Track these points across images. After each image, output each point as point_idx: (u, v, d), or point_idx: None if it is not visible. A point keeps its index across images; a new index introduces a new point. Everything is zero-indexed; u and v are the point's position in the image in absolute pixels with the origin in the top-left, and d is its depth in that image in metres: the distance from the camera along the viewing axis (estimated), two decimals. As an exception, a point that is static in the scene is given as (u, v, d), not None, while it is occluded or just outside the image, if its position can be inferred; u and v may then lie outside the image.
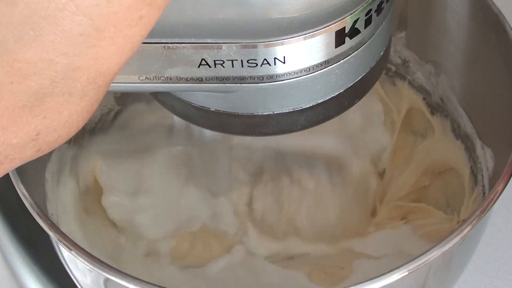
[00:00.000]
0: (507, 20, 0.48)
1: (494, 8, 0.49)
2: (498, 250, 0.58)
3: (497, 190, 0.41)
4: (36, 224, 0.42)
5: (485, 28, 0.50)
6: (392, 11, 0.37)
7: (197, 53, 0.33)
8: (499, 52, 0.49)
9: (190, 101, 0.37)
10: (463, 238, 0.39)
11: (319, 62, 0.34)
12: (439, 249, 0.39)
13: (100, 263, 0.39)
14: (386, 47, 0.38)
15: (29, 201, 0.42)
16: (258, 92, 0.35)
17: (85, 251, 0.40)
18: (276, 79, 0.34)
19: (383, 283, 0.37)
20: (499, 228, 0.59)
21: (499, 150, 0.49)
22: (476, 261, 0.56)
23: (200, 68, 0.34)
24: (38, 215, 0.42)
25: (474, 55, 0.54)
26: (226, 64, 0.33)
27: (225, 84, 0.35)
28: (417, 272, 0.38)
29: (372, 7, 0.34)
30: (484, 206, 0.41)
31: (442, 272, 0.44)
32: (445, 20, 0.54)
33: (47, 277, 0.53)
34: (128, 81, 0.35)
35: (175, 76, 0.34)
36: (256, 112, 0.37)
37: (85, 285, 0.46)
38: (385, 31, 0.37)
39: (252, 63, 0.33)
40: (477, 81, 0.54)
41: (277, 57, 0.33)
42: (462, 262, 0.48)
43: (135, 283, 0.38)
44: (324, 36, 0.33)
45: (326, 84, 0.36)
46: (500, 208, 0.60)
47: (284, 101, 0.36)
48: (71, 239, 0.41)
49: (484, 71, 0.52)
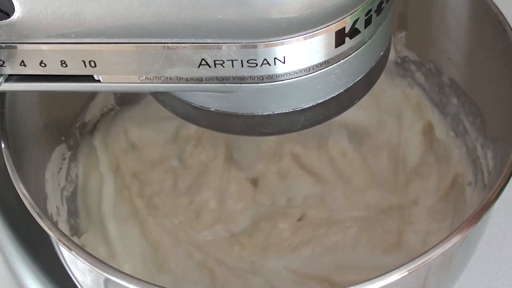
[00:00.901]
0: (507, 20, 0.48)
1: (494, 8, 0.49)
2: (498, 250, 0.58)
3: (497, 190, 0.41)
4: (36, 224, 0.42)
5: (485, 28, 0.50)
6: (392, 11, 0.37)
7: (197, 53, 0.33)
8: (499, 52, 0.49)
9: (190, 101, 0.38)
10: (463, 238, 0.39)
11: (319, 62, 0.34)
12: (439, 249, 0.39)
13: (100, 263, 0.39)
14: (386, 47, 0.38)
15: (29, 201, 0.42)
16: (258, 92, 0.35)
17: (85, 251, 0.40)
18: (276, 79, 0.34)
19: (383, 283, 0.37)
20: (499, 228, 0.59)
21: (499, 150, 0.49)
22: (476, 261, 0.56)
23: (200, 68, 0.34)
24: (38, 215, 0.42)
25: (474, 55, 0.54)
26: (226, 64, 0.33)
27: (225, 84, 0.35)
28: (417, 272, 0.38)
29: (372, 7, 0.34)
30: (484, 206, 0.41)
31: (442, 272, 0.44)
32: (445, 20, 0.54)
33: (47, 277, 0.53)
34: (128, 81, 0.35)
35: (175, 76, 0.34)
36: (256, 112, 0.37)
37: (85, 285, 0.46)
38: (385, 31, 0.37)
39: (252, 63, 0.33)
40: (477, 81, 0.54)
41: (277, 57, 0.33)
42: (462, 262, 0.48)
43: (135, 283, 0.38)
44: (324, 36, 0.33)
45: (326, 84, 0.36)
46: (500, 208, 0.59)
47: (284, 101, 0.36)
48: (71, 239, 0.41)
49: (484, 71, 0.52)
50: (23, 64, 0.34)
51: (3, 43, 0.33)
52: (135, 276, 0.38)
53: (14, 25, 0.33)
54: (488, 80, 0.52)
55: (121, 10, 0.32)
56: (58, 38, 0.33)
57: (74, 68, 0.34)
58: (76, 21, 0.32)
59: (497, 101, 0.50)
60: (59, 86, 0.36)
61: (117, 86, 0.36)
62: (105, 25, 0.32)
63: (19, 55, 0.34)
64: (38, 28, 0.33)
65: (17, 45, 0.34)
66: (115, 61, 0.34)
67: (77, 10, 0.32)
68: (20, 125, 0.48)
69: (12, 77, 0.35)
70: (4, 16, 0.32)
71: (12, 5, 0.32)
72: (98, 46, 0.33)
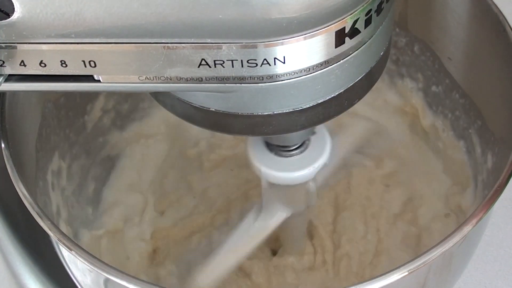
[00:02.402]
0: (507, 20, 0.48)
1: (494, 8, 0.49)
2: (498, 250, 0.58)
3: (497, 190, 0.41)
4: (36, 224, 0.42)
5: (485, 28, 0.50)
6: (392, 11, 0.37)
7: (197, 53, 0.33)
8: (499, 52, 0.49)
9: (190, 101, 0.38)
10: (463, 238, 0.39)
11: (319, 62, 0.34)
12: (439, 249, 0.39)
13: (100, 263, 0.39)
14: (386, 47, 0.38)
15: (29, 201, 0.42)
16: (258, 92, 0.35)
17: (85, 251, 0.40)
18: (276, 79, 0.34)
19: (383, 283, 0.37)
20: (499, 228, 0.59)
21: (499, 150, 0.49)
22: (476, 261, 0.56)
23: (200, 68, 0.34)
24: (38, 215, 0.42)
25: (474, 55, 0.54)
26: (226, 64, 0.33)
27: (225, 84, 0.35)
28: (417, 272, 0.38)
29: (372, 7, 0.34)
30: (484, 206, 0.41)
31: (442, 272, 0.44)
32: (445, 20, 0.54)
33: (47, 277, 0.53)
34: (128, 81, 0.35)
35: (175, 76, 0.34)
36: (256, 112, 0.37)
37: (85, 285, 0.46)
38: (385, 31, 0.37)
39: (252, 63, 0.33)
40: (477, 81, 0.54)
41: (277, 57, 0.33)
42: (462, 262, 0.48)
43: (135, 283, 0.38)
44: (324, 36, 0.33)
45: (326, 84, 0.36)
46: (500, 208, 0.60)
47: (284, 101, 0.36)
48: (71, 239, 0.41)
49: (484, 71, 0.52)
50: (23, 64, 0.34)
51: (3, 43, 0.33)
52: (135, 276, 0.38)
53: (14, 25, 0.33)
54: (488, 80, 0.52)
55: (121, 10, 0.32)
56: (58, 38, 0.33)
57: (74, 68, 0.34)
58: (76, 21, 0.32)
59: (497, 101, 0.50)
60: (59, 86, 0.36)
61: (117, 86, 0.36)
62: (105, 25, 0.32)
63: (19, 55, 0.34)
64: (38, 28, 0.33)
65: (17, 45, 0.34)
66: (115, 61, 0.34)
67: (77, 10, 0.32)
68: (20, 125, 0.48)
69: (12, 77, 0.35)
70: (4, 16, 0.32)
71: (12, 5, 0.32)
72: (98, 46, 0.33)
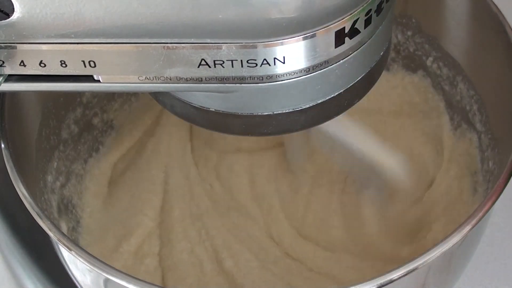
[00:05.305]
0: (507, 20, 0.48)
1: (494, 8, 0.49)
2: (498, 250, 0.58)
3: (497, 190, 0.41)
4: (36, 224, 0.42)
5: (485, 28, 0.50)
6: (392, 11, 0.37)
7: (197, 53, 0.33)
8: (499, 52, 0.49)
9: (190, 101, 0.38)
10: (463, 238, 0.39)
11: (319, 62, 0.34)
12: (439, 249, 0.39)
13: (100, 263, 0.39)
14: (386, 47, 0.38)
15: (29, 201, 0.42)
16: (258, 92, 0.35)
17: (85, 251, 0.40)
18: (276, 79, 0.34)
19: (383, 283, 0.37)
20: (499, 228, 0.59)
21: (499, 150, 0.49)
22: (476, 261, 0.56)
23: (200, 68, 0.34)
24: (38, 215, 0.42)
25: (474, 55, 0.54)
26: (226, 64, 0.33)
27: (225, 84, 0.35)
28: (417, 272, 0.38)
29: (372, 7, 0.34)
30: (484, 206, 0.41)
31: (442, 272, 0.44)
32: (445, 20, 0.54)
33: (47, 277, 0.53)
34: (128, 81, 0.35)
35: (175, 76, 0.34)
36: (256, 112, 0.37)
37: (85, 285, 0.46)
38: (385, 31, 0.37)
39: (251, 63, 0.33)
40: (477, 81, 0.54)
41: (276, 57, 0.33)
42: (462, 262, 0.48)
43: (135, 283, 0.38)
44: (324, 36, 0.33)
45: (326, 84, 0.36)
46: (500, 208, 0.59)
47: (284, 101, 0.36)
48: (71, 239, 0.41)
49: (484, 71, 0.52)
50: (23, 64, 0.34)
51: (3, 43, 0.33)
52: (135, 276, 0.38)
53: (13, 25, 0.33)
54: (488, 80, 0.52)
55: (120, 10, 0.32)
56: (58, 38, 0.33)
57: (74, 68, 0.34)
58: (76, 21, 0.32)
59: (497, 101, 0.50)
60: (59, 86, 0.36)
61: (117, 86, 0.36)
62: (105, 25, 0.32)
63: (19, 55, 0.34)
64: (37, 28, 0.33)
65: (17, 45, 0.34)
66: (115, 61, 0.34)
67: (76, 10, 0.32)
68: (20, 125, 0.48)
69: (12, 77, 0.35)
70: (4, 16, 0.32)
71: (12, 5, 0.32)
72: (98, 46, 0.33)
